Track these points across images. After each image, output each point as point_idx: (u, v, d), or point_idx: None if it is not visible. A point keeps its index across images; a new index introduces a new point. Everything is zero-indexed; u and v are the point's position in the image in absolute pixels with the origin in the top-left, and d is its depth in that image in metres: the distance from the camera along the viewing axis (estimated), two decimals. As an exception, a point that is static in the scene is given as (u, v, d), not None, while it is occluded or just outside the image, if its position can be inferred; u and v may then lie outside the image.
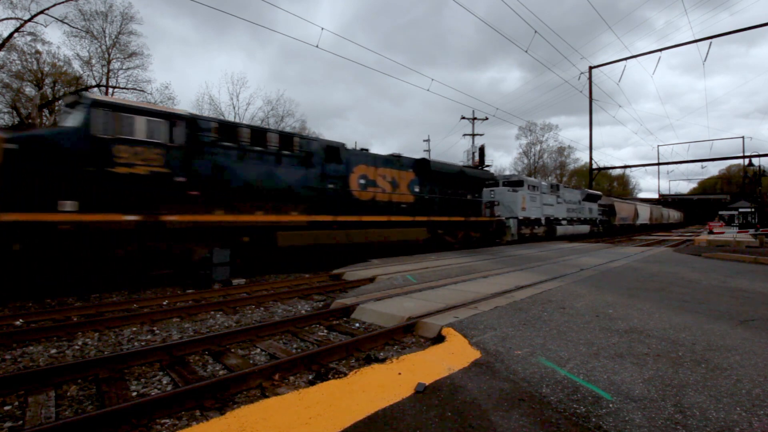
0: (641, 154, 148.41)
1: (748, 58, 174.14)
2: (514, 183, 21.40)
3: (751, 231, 21.38)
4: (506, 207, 20.22)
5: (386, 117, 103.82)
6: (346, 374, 3.37)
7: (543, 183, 23.85)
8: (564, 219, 25.27)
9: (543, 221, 22.67)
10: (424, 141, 62.77)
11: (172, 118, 8.20)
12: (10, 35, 23.56)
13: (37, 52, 25.40)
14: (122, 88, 28.64)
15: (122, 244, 7.61)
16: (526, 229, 21.21)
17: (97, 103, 7.33)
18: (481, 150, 24.74)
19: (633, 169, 49.22)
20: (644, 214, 42.31)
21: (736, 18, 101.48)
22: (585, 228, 27.96)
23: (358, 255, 11.92)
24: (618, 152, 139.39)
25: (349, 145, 12.89)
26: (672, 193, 74.63)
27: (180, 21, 63.13)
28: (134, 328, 5.35)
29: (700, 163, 42.35)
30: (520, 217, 20.51)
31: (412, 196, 13.87)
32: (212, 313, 6.21)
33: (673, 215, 61.23)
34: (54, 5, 24.16)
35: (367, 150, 13.34)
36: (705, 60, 30.02)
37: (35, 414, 2.96)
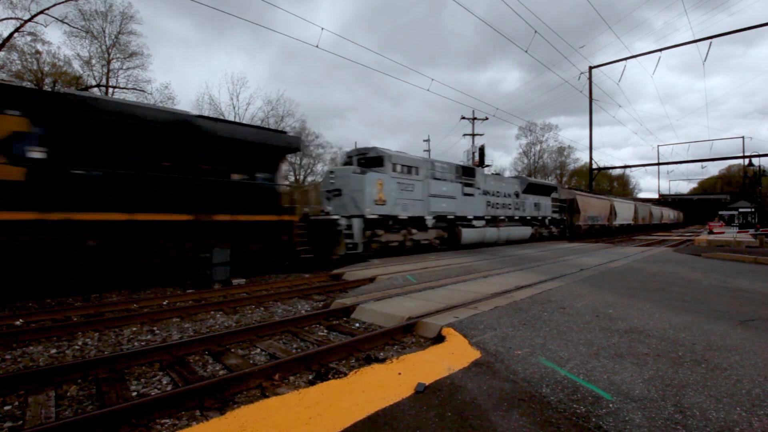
0: (641, 154, 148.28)
1: (747, 58, 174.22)
2: (369, 161, 13.13)
3: (751, 231, 21.37)
4: (349, 198, 12.30)
5: (386, 117, 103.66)
6: (346, 374, 3.37)
7: (437, 163, 15.36)
8: (481, 218, 17.16)
9: (430, 221, 14.45)
10: (424, 141, 62.70)
11: None
12: (10, 35, 23.60)
13: (37, 52, 25.46)
14: (122, 88, 28.71)
15: None
16: (392, 235, 13.14)
17: None
18: (481, 150, 24.74)
19: (633, 169, 49.33)
20: (625, 213, 36.64)
21: (735, 19, 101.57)
22: (522, 231, 20.06)
23: None
24: (618, 152, 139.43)
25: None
26: (672, 193, 74.70)
27: (179, 22, 63.09)
28: (134, 328, 5.35)
29: (700, 163, 42.39)
30: (370, 216, 12.16)
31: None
32: (212, 313, 6.21)
33: (669, 214, 55.98)
34: (54, 5, 24.21)
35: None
36: (705, 60, 30.10)
37: (35, 414, 2.96)
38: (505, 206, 19.20)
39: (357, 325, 5.44)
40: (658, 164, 41.26)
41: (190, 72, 66.22)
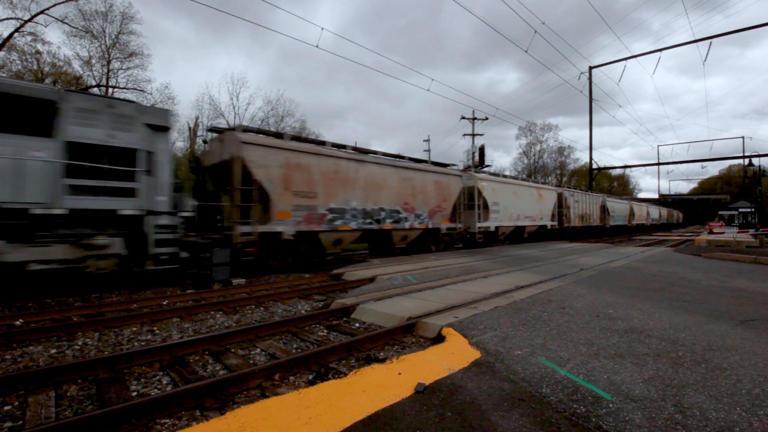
0: (640, 154, 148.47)
1: (743, 59, 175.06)
2: None
3: (751, 231, 21.36)
4: None
5: (386, 117, 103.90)
6: (346, 374, 3.37)
7: None
8: None
9: None
10: (424, 141, 62.73)
11: None
12: (10, 35, 23.54)
13: (38, 52, 25.41)
14: (122, 88, 28.66)
15: None
16: None
17: None
18: (481, 150, 24.75)
19: (633, 169, 49.21)
20: (525, 205, 19.50)
21: (732, 20, 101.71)
22: None
23: None
24: (617, 152, 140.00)
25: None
26: (672, 192, 74.63)
27: (180, 23, 63.04)
28: (134, 328, 5.35)
29: (700, 163, 42.27)
30: None
31: None
32: (212, 313, 6.21)
33: (646, 211, 43.51)
34: (54, 5, 24.13)
35: None
36: (705, 60, 30.03)
37: (35, 414, 2.96)
38: None
39: (357, 325, 5.43)
40: (658, 164, 41.21)
41: (191, 73, 66.18)
